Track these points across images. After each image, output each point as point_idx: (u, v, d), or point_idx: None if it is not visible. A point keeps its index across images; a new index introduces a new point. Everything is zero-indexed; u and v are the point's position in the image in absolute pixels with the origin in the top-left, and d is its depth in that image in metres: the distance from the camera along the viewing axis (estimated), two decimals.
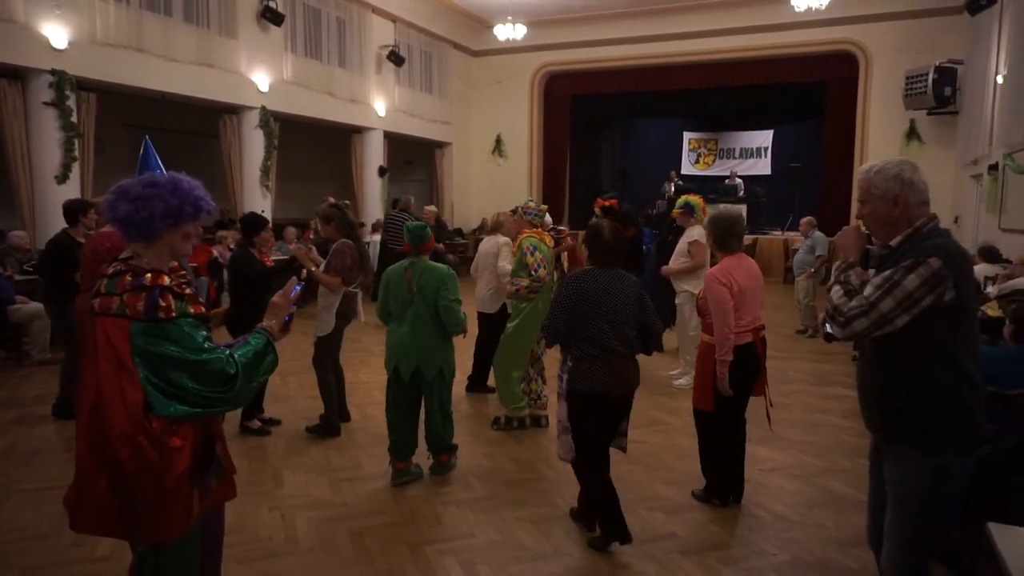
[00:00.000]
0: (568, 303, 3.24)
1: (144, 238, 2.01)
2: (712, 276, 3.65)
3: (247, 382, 2.06)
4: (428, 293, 3.99)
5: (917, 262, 2.08)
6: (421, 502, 3.86)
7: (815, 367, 7.14)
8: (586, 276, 3.29)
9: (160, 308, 1.94)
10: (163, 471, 1.97)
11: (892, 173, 2.23)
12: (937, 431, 2.15)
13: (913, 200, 2.21)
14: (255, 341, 2.13)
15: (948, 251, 2.10)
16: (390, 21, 14.34)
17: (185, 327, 1.97)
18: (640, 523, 3.61)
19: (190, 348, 1.95)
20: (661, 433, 5.10)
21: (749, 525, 3.62)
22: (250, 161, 11.49)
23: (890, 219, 2.24)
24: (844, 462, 4.58)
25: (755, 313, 3.68)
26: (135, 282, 1.95)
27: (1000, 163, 9.68)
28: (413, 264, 4.09)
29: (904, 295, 2.07)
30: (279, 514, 3.67)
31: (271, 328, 2.19)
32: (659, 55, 15.83)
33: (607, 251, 3.35)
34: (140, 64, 9.36)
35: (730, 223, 3.75)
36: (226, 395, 2.00)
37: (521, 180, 17.32)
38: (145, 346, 1.92)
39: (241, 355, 2.06)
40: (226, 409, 2.09)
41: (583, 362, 3.23)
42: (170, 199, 2.01)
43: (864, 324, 2.12)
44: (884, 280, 2.11)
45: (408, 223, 4.25)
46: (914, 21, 13.44)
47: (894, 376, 2.22)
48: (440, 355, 4.05)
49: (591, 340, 3.21)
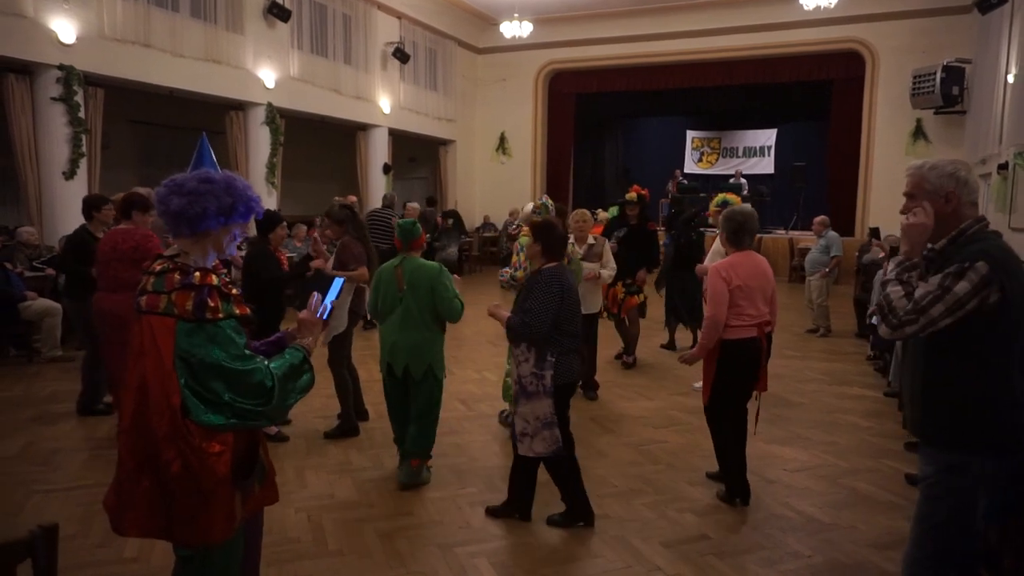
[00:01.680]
0: (557, 301, 3.31)
1: (193, 234, 1.97)
2: (714, 269, 3.76)
3: (283, 397, 2.01)
4: (420, 291, 3.93)
5: (964, 267, 2.07)
6: (448, 503, 3.82)
7: (830, 366, 7.11)
8: (562, 273, 3.41)
9: (208, 308, 1.90)
10: (203, 474, 1.93)
11: (948, 171, 2.22)
12: (961, 430, 2.15)
13: (965, 199, 2.21)
14: (291, 355, 2.10)
15: (994, 255, 2.10)
16: (395, 18, 14.28)
17: (229, 330, 1.93)
18: (671, 525, 3.58)
19: (231, 354, 1.91)
20: (683, 433, 5.06)
21: (781, 526, 3.59)
22: (256, 158, 11.44)
23: (941, 216, 2.22)
24: (868, 462, 4.55)
25: (759, 309, 3.74)
26: (184, 280, 1.91)
27: (1010, 162, 9.66)
28: (404, 261, 4.04)
29: (954, 301, 2.07)
30: (305, 515, 3.62)
31: (308, 345, 2.17)
32: (663, 53, 15.79)
33: (562, 245, 3.51)
34: (147, 60, 9.30)
35: (742, 220, 3.80)
36: (261, 408, 1.96)
37: (525, 178, 17.28)
38: (189, 347, 1.88)
39: (276, 367, 2.02)
40: (261, 424, 2.05)
41: (566, 356, 3.37)
42: (224, 197, 1.97)
43: (913, 329, 2.12)
44: (935, 286, 2.10)
45: (399, 220, 4.21)
46: (921, 20, 13.43)
47: (928, 374, 2.23)
48: (430, 353, 3.98)
49: (572, 334, 3.38)
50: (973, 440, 2.16)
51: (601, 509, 3.73)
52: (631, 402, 5.85)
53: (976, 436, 2.16)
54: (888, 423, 5.31)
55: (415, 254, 4.09)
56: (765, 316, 3.78)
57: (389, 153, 14.55)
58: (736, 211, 3.88)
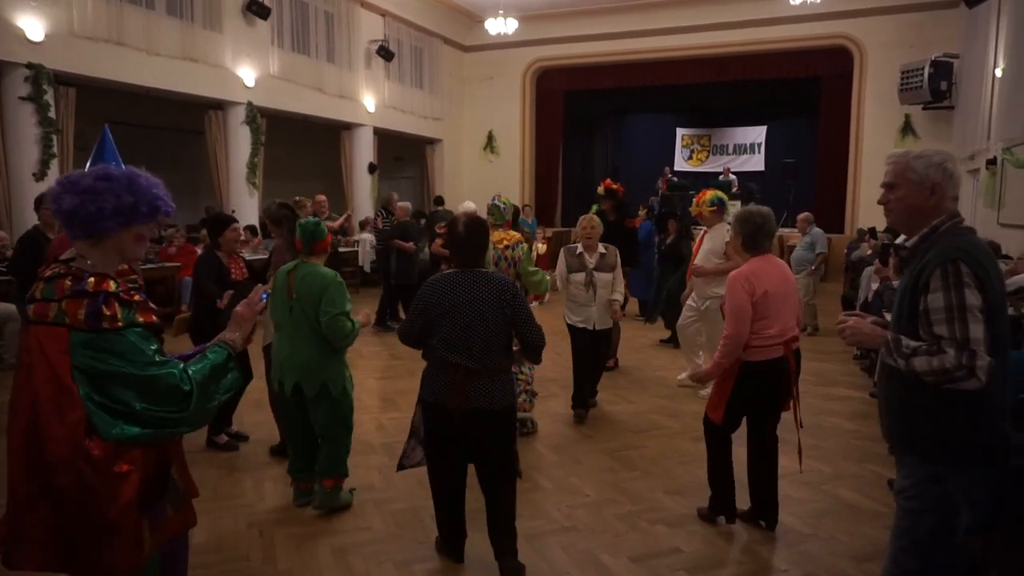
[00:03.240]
0: (420, 308, 2.95)
1: (89, 236, 1.79)
2: (734, 279, 3.33)
3: (204, 401, 1.84)
4: (308, 302, 3.48)
5: (954, 274, 1.93)
6: (409, 515, 3.64)
7: (817, 366, 6.96)
8: (443, 279, 2.97)
9: (104, 317, 1.72)
10: (107, 500, 1.74)
11: (936, 161, 2.09)
12: (942, 439, 2.03)
13: (950, 193, 2.09)
14: (213, 355, 1.92)
15: (969, 252, 1.97)
16: (379, 15, 14.10)
17: (132, 338, 1.75)
18: (642, 537, 3.42)
19: (138, 362, 1.73)
20: (662, 437, 4.90)
21: (758, 538, 3.43)
22: (236, 158, 11.24)
23: (923, 209, 2.10)
24: (852, 467, 4.40)
25: (785, 323, 3.33)
26: (76, 287, 1.73)
27: (999, 157, 9.54)
28: (298, 267, 3.58)
29: (977, 311, 1.92)
30: (257, 531, 3.45)
31: (233, 341, 1.98)
32: (652, 50, 15.65)
33: (464, 248, 2.98)
34: (121, 58, 9.10)
35: (761, 221, 3.40)
36: (180, 415, 1.79)
37: (513, 177, 17.11)
38: (86, 360, 1.70)
39: (196, 371, 1.85)
40: (181, 431, 1.87)
41: (429, 371, 3.01)
42: (124, 196, 1.78)
43: (985, 361, 1.90)
44: (947, 311, 1.93)
45: (301, 220, 3.74)
46: (908, 15, 13.32)
47: (906, 381, 2.06)
48: (323, 370, 3.52)
49: (434, 348, 2.94)
50: (954, 450, 2.02)
51: (571, 521, 3.56)
52: (611, 405, 5.68)
53: (957, 446, 2.02)
54: (873, 425, 5.13)
55: (315, 259, 3.61)
56: (792, 331, 3.37)
57: (375, 153, 14.37)
58: (754, 212, 3.48)
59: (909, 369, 1.99)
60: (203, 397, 1.84)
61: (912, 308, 2.03)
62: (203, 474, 4.13)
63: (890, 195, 2.16)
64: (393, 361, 7.18)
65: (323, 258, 3.66)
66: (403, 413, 5.38)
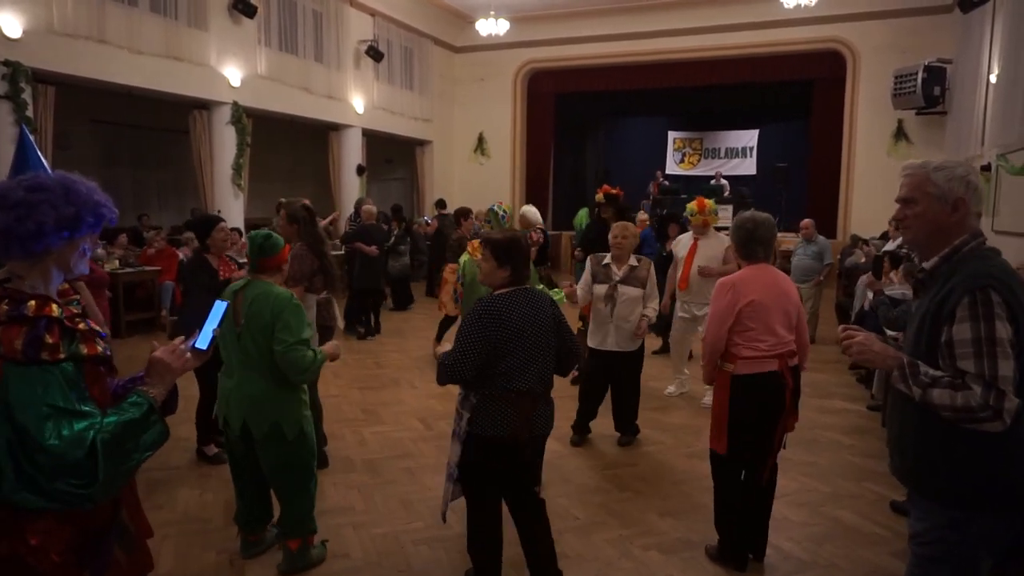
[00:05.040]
0: (478, 337, 2.62)
1: (28, 255, 1.59)
2: (720, 285, 3.21)
3: (115, 464, 1.54)
4: (259, 328, 2.96)
5: (984, 303, 1.74)
6: (390, 540, 3.46)
7: (813, 377, 6.82)
8: (498, 302, 2.68)
9: (45, 347, 1.52)
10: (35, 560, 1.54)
11: (959, 173, 1.88)
12: (962, 483, 1.84)
13: (973, 208, 1.89)
14: (131, 409, 1.61)
15: (999, 279, 1.78)
16: (369, 15, 13.90)
17: (61, 379, 1.52)
18: (634, 565, 3.26)
19: (53, 408, 1.49)
20: (655, 455, 4.75)
21: (757, 567, 3.27)
22: (221, 158, 11.01)
23: (945, 226, 1.89)
24: (850, 486, 4.26)
25: (778, 335, 3.14)
26: (13, 311, 1.53)
27: (993, 164, 9.47)
28: (248, 285, 3.08)
29: (1007, 345, 1.74)
30: (226, 558, 3.26)
31: (155, 396, 1.67)
32: (644, 53, 15.52)
33: (525, 263, 2.80)
34: (102, 56, 8.87)
35: (752, 227, 3.23)
36: (84, 491, 1.50)
37: (504, 179, 16.95)
38: (19, 398, 1.49)
39: (105, 439, 1.52)
40: (92, 505, 1.56)
41: (494, 403, 2.67)
42: (64, 207, 1.58)
43: (1013, 403, 1.73)
44: (975, 344, 1.75)
45: (251, 233, 3.26)
46: (902, 20, 13.24)
47: (923, 418, 1.88)
48: (275, 408, 3.00)
49: (506, 375, 2.67)
50: (978, 494, 1.83)
51: (559, 547, 3.37)
52: (602, 417, 5.48)
53: (982, 489, 1.83)
54: (870, 440, 5.02)
55: (267, 276, 3.10)
56: (788, 344, 3.17)
57: (364, 154, 14.17)
58: (746, 218, 3.32)
59: (925, 400, 1.81)
60: (114, 461, 1.54)
61: (932, 338, 1.85)
62: (174, 496, 3.95)
63: (907, 211, 1.94)
64: (377, 370, 6.99)
65: (279, 276, 3.17)
66: (387, 427, 5.21)
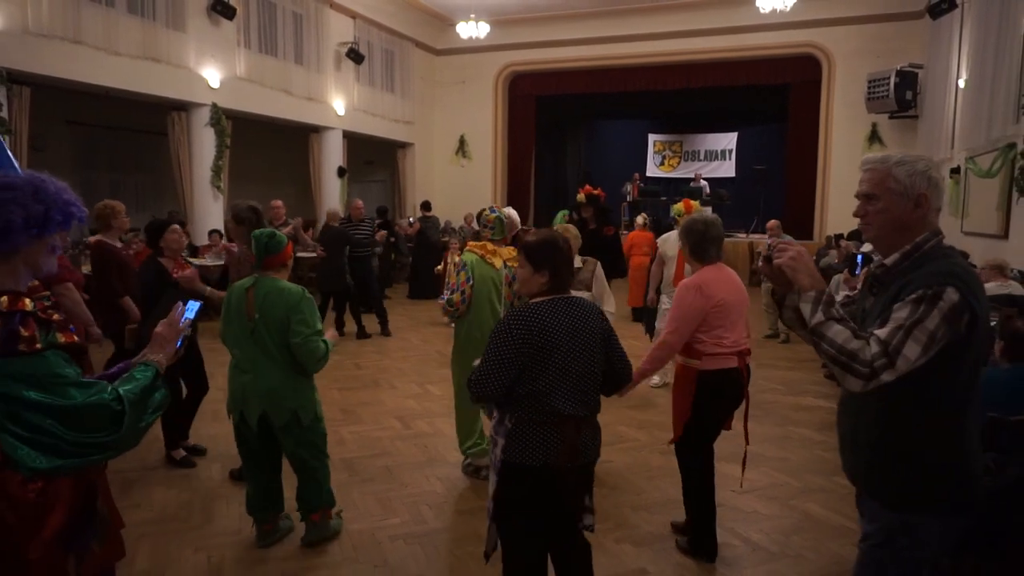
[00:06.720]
0: (513, 350, 2.29)
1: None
2: (687, 286, 3.21)
3: (136, 420, 1.72)
4: (273, 322, 3.15)
5: (934, 294, 1.70)
6: (366, 537, 3.50)
7: (787, 375, 6.96)
8: (536, 312, 2.34)
9: (22, 339, 1.58)
10: (27, 538, 1.61)
11: (920, 168, 1.83)
12: (914, 483, 1.82)
13: (934, 205, 1.85)
14: (142, 375, 1.80)
15: (962, 278, 1.74)
16: (349, 17, 13.89)
17: (52, 360, 1.62)
18: (608, 558, 3.32)
19: (59, 386, 1.60)
20: (629, 451, 4.82)
21: (725, 558, 3.35)
22: (200, 161, 10.96)
23: (907, 223, 1.84)
24: (819, 480, 4.36)
25: (739, 332, 3.24)
26: None
27: (962, 166, 9.69)
28: (257, 282, 3.24)
29: (927, 337, 1.68)
30: (205, 556, 3.28)
31: (158, 362, 1.86)
32: (624, 56, 15.67)
33: (567, 268, 2.44)
34: (79, 57, 8.80)
35: (704, 228, 3.28)
36: (110, 439, 1.67)
37: (485, 181, 17.00)
38: (3, 388, 1.56)
39: (128, 391, 1.73)
40: (106, 457, 1.74)
41: (532, 427, 2.33)
42: (32, 205, 1.64)
43: (892, 377, 1.68)
44: (903, 319, 1.70)
45: (256, 231, 3.33)
46: (875, 25, 13.50)
47: (874, 418, 1.87)
48: (293, 396, 3.24)
49: (542, 395, 2.33)
50: (929, 497, 1.81)
51: None
52: None
53: (933, 492, 1.81)
54: None
55: (274, 273, 3.26)
56: (744, 343, 3.28)
57: (344, 156, 14.16)
58: (697, 220, 3.34)
59: (818, 331, 1.73)
60: (135, 418, 1.72)
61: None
62: (150, 494, 3.95)
63: (868, 207, 1.88)
64: (356, 371, 7.01)
65: (284, 272, 3.33)
66: (366, 426, 5.24)
